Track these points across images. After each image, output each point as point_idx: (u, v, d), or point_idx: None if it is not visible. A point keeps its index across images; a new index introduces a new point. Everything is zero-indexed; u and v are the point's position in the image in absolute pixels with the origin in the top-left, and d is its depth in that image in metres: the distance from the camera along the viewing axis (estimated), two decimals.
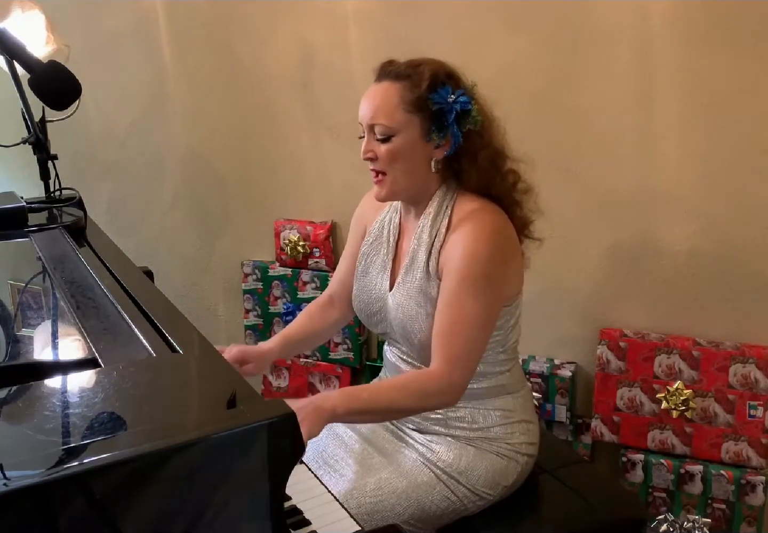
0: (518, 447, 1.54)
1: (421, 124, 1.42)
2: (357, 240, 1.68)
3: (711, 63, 1.88)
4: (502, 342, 1.53)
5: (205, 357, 1.04)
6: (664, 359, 2.04)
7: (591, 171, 2.09)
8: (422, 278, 1.48)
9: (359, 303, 1.62)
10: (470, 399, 1.51)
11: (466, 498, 1.49)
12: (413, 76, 1.42)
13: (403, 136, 1.42)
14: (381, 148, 1.43)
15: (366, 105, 1.45)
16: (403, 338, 1.53)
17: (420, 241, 1.50)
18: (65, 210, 1.73)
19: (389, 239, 1.59)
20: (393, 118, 1.41)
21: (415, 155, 1.45)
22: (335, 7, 2.29)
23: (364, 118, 1.45)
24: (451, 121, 1.42)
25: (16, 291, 1.41)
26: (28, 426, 0.86)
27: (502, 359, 1.54)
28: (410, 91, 1.41)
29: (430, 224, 1.49)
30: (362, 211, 1.70)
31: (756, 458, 1.99)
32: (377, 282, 1.58)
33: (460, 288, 1.41)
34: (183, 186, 2.75)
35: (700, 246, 2.01)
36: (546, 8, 2.01)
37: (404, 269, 1.52)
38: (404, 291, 1.51)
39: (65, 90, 1.51)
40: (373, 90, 1.46)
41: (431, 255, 1.48)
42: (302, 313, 1.74)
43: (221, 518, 0.84)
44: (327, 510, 1.24)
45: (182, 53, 2.59)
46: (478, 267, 1.41)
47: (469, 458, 1.50)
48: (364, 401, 1.38)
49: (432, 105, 1.41)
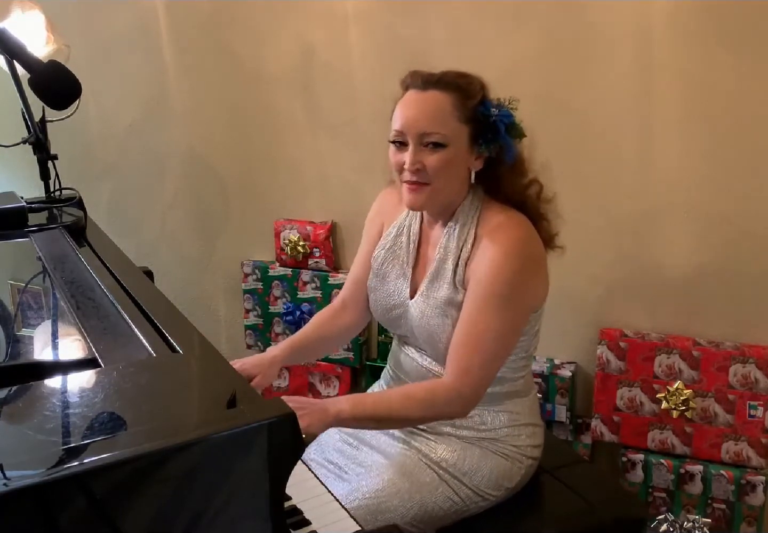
0: (524, 450, 1.54)
1: (470, 134, 1.41)
2: (372, 241, 1.65)
3: (711, 63, 1.88)
4: (526, 347, 1.52)
5: (205, 357, 1.04)
6: (664, 359, 2.04)
7: (591, 171, 2.09)
8: (449, 289, 1.46)
9: (378, 307, 1.60)
10: (485, 402, 1.50)
11: (468, 498, 1.49)
12: (465, 88, 1.41)
13: (455, 146, 1.40)
14: (431, 158, 1.39)
15: (414, 113, 1.39)
16: (427, 344, 1.52)
17: (447, 251, 1.48)
18: (65, 210, 1.73)
19: (409, 245, 1.56)
20: (448, 127, 1.39)
21: (461, 165, 1.43)
22: (335, 7, 2.29)
23: (413, 127, 1.39)
24: (503, 133, 1.41)
25: (16, 291, 1.41)
26: (28, 426, 0.86)
27: (522, 365, 1.54)
28: (462, 102, 1.39)
29: (457, 234, 1.47)
30: (380, 209, 1.66)
31: (756, 458, 1.99)
32: (396, 289, 1.56)
33: (484, 303, 1.40)
34: (183, 186, 2.75)
35: (700, 246, 2.01)
36: (546, 8, 2.01)
37: (428, 278, 1.50)
38: (429, 301, 1.48)
39: (65, 90, 1.51)
40: (420, 98, 1.41)
41: (458, 266, 1.46)
42: (313, 318, 1.70)
43: (221, 518, 0.84)
44: (327, 510, 1.24)
45: (182, 53, 2.59)
46: (505, 283, 1.39)
47: (474, 459, 1.50)
48: (370, 408, 1.38)
49: (481, 117, 1.41)
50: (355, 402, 1.38)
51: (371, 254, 1.63)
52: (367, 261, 1.63)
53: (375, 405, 1.39)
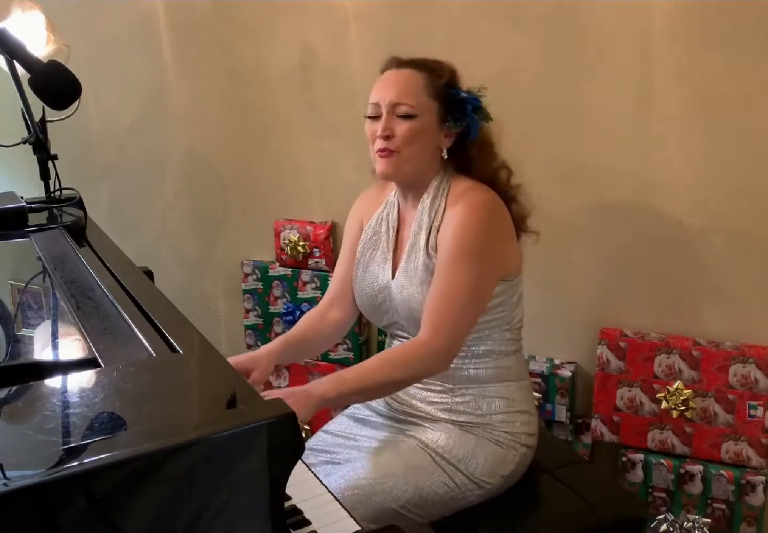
0: (518, 437, 1.55)
1: (439, 110, 1.52)
2: (354, 238, 1.70)
3: (711, 63, 1.88)
4: (507, 319, 1.56)
5: (205, 357, 1.04)
6: (664, 359, 2.04)
7: (590, 170, 2.09)
8: (424, 256, 1.52)
9: (363, 297, 1.64)
10: (475, 382, 1.54)
11: (464, 485, 1.50)
12: (437, 69, 1.53)
13: (423, 118, 1.50)
14: (401, 126, 1.50)
15: (388, 85, 1.52)
16: (408, 321, 1.55)
17: (421, 224, 1.55)
18: (65, 210, 1.73)
19: (389, 232, 1.63)
20: (418, 99, 1.50)
21: (429, 139, 1.53)
22: (335, 7, 2.29)
23: (386, 98, 1.51)
24: (469, 112, 1.51)
25: (16, 291, 1.41)
26: (28, 426, 0.86)
27: (507, 338, 1.57)
28: (433, 80, 1.52)
29: (429, 206, 1.55)
30: (359, 209, 1.74)
31: (756, 458, 1.99)
32: (379, 274, 1.62)
33: (454, 259, 1.46)
34: (183, 186, 2.75)
35: (700, 246, 2.01)
36: (546, 8, 2.01)
37: (406, 253, 1.56)
38: (408, 276, 1.54)
39: (65, 90, 1.51)
40: (395, 73, 1.54)
41: (430, 234, 1.53)
42: (302, 319, 1.72)
43: (221, 518, 0.83)
44: (327, 510, 1.24)
45: (182, 53, 2.59)
46: (471, 238, 1.47)
47: (469, 446, 1.52)
48: (351, 381, 1.40)
49: (450, 96, 1.52)
50: (335, 380, 1.40)
51: (353, 251, 1.68)
52: (350, 258, 1.69)
53: (355, 378, 1.41)
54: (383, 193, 1.71)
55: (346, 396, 1.41)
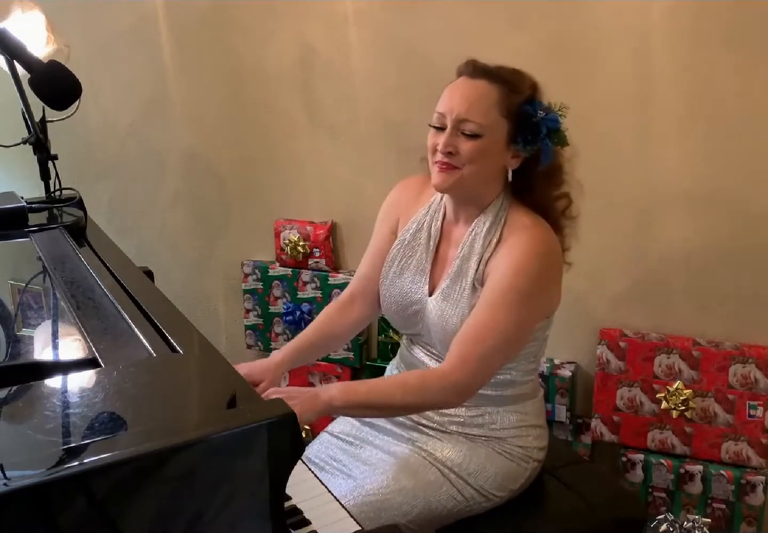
0: (530, 452, 1.54)
1: (510, 130, 1.41)
2: (385, 237, 1.62)
3: (711, 63, 1.88)
4: (535, 352, 1.53)
5: (205, 357, 1.04)
6: (663, 359, 2.04)
7: (590, 171, 2.08)
8: (470, 287, 1.45)
9: (392, 304, 1.57)
10: (492, 404, 1.51)
11: (472, 498, 1.48)
12: (515, 83, 1.42)
13: (490, 138, 1.39)
14: (465, 145, 1.39)
15: (458, 97, 1.40)
16: (438, 340, 1.51)
17: (471, 250, 1.47)
18: (65, 210, 1.73)
19: (429, 243, 1.55)
20: (487, 117, 1.39)
21: (495, 159, 1.43)
22: (335, 7, 2.29)
23: (453, 111, 1.39)
24: (543, 136, 1.41)
25: (17, 291, 1.41)
26: (28, 426, 0.86)
27: (531, 368, 1.55)
28: (508, 96, 1.40)
29: (484, 234, 1.46)
30: (396, 200, 1.64)
31: (756, 458, 1.99)
32: (414, 286, 1.54)
33: (500, 297, 1.39)
34: (183, 186, 2.75)
35: (700, 246, 2.01)
36: (546, 8, 2.01)
37: (449, 277, 1.49)
38: (449, 300, 1.48)
39: (65, 90, 1.51)
40: (467, 85, 1.42)
41: (480, 264, 1.45)
42: (320, 314, 1.67)
43: (221, 518, 0.84)
44: (327, 510, 1.24)
45: (182, 53, 2.59)
46: (523, 283, 1.39)
47: (480, 459, 1.50)
48: (362, 395, 1.37)
49: (525, 115, 1.40)
50: (346, 389, 1.37)
51: (383, 249, 1.60)
52: (379, 256, 1.61)
53: (366, 392, 1.38)
54: (426, 190, 1.59)
55: (353, 407, 1.38)
